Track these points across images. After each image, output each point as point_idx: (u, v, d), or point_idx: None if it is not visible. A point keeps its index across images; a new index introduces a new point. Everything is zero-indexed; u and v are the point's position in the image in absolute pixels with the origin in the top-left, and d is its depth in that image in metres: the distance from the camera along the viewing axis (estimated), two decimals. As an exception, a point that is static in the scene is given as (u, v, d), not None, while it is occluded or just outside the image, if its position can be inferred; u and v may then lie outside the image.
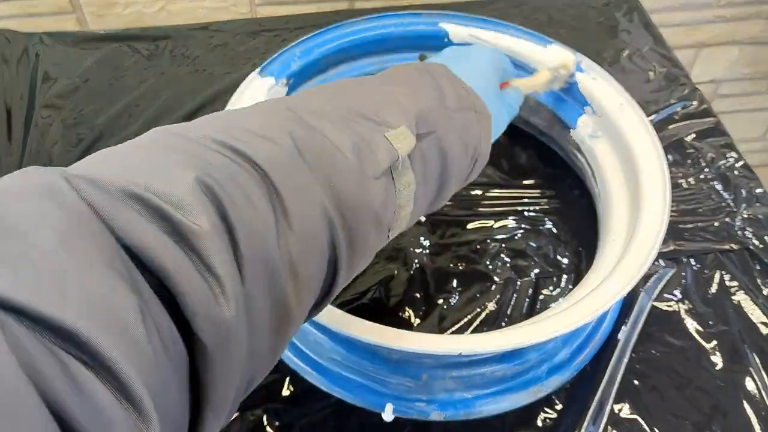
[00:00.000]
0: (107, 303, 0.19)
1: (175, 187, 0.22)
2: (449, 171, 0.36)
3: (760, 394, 0.48)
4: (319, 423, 0.47)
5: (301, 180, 0.27)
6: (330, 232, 0.28)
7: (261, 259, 0.24)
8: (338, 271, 0.29)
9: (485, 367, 0.46)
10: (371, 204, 0.30)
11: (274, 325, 0.25)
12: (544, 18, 0.80)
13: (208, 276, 0.22)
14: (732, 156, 0.64)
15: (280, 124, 0.28)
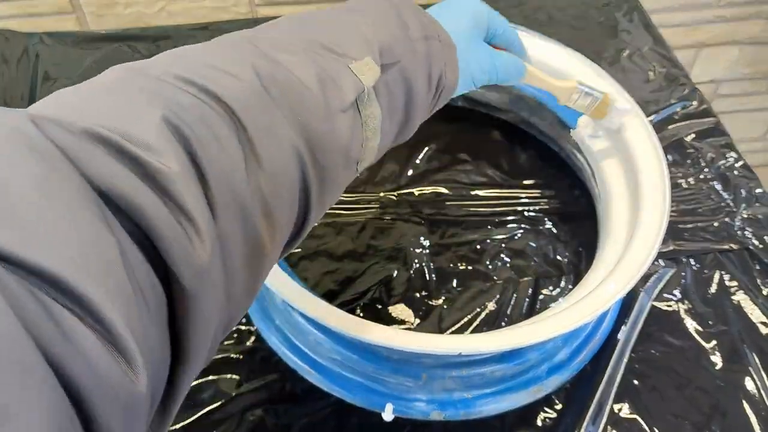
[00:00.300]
0: (89, 248, 0.18)
1: (141, 128, 0.22)
2: (414, 102, 0.35)
3: (759, 394, 0.48)
4: (319, 423, 0.47)
5: (268, 117, 0.26)
6: (300, 169, 0.27)
7: (232, 199, 0.24)
8: (309, 207, 0.29)
9: (485, 367, 0.46)
10: (339, 138, 0.29)
11: (249, 264, 0.25)
12: (544, 17, 0.80)
13: (182, 218, 0.22)
14: (732, 156, 0.64)
15: (242, 59, 0.27)
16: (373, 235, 0.57)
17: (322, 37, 0.31)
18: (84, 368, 0.17)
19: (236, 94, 0.25)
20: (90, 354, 0.17)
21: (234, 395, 0.48)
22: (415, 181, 0.62)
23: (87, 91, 0.24)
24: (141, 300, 0.20)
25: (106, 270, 0.19)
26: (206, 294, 0.22)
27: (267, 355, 0.50)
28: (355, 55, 0.31)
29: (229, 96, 0.25)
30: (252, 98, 0.26)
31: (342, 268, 0.55)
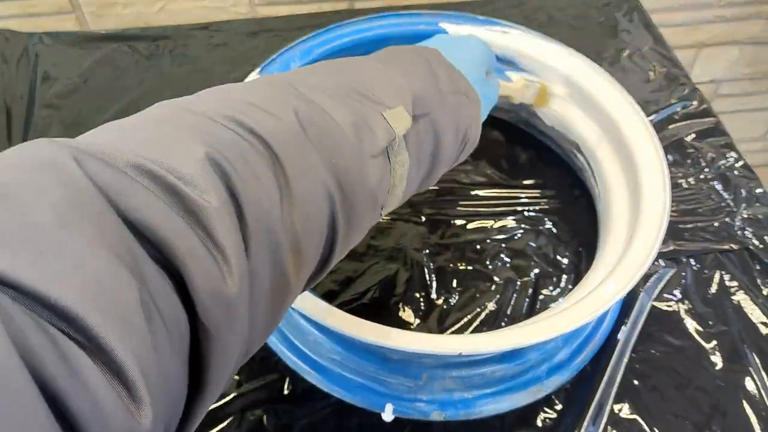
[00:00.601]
0: (104, 284, 0.18)
1: (185, 163, 0.22)
2: (441, 153, 0.36)
3: (759, 394, 0.48)
4: (319, 423, 0.47)
5: (305, 157, 0.27)
6: (330, 209, 0.28)
7: (266, 236, 0.24)
8: (335, 246, 0.29)
9: (485, 367, 0.46)
10: (369, 182, 0.30)
11: (273, 298, 0.25)
12: (544, 18, 0.80)
13: (216, 252, 0.22)
14: (732, 156, 0.64)
15: (283, 99, 0.28)
16: (373, 235, 0.57)
17: (358, 84, 0.32)
18: (85, 402, 0.17)
19: (275, 133, 0.26)
20: (93, 388, 0.17)
21: (234, 395, 0.48)
22: (415, 181, 0.61)
23: (134, 126, 0.24)
24: (162, 332, 0.20)
25: (118, 304, 0.19)
26: (230, 328, 0.23)
27: (267, 355, 0.50)
28: (390, 104, 0.32)
29: (268, 134, 0.26)
30: (290, 137, 0.27)
31: (342, 268, 0.55)
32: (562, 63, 0.59)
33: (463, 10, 0.64)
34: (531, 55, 0.60)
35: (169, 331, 0.20)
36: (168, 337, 0.20)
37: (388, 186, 0.33)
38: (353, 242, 0.32)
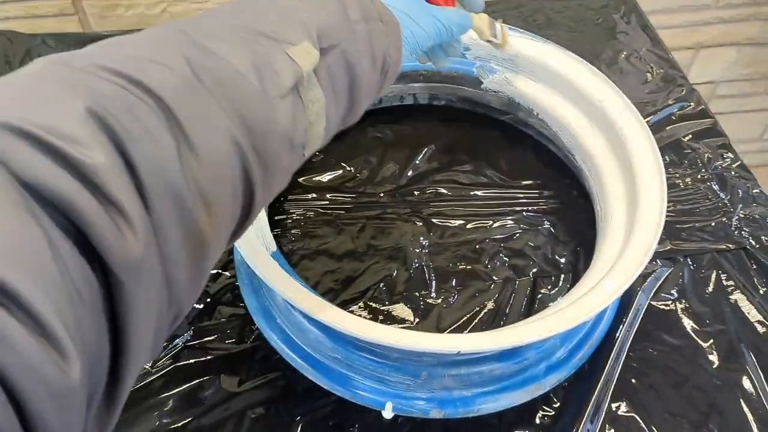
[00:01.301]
0: (14, 239, 0.19)
1: (64, 121, 0.21)
2: (358, 84, 0.35)
3: (756, 393, 0.49)
4: (319, 421, 0.47)
5: (202, 106, 0.26)
6: (240, 157, 0.27)
7: (166, 190, 0.24)
8: (254, 194, 0.29)
9: (484, 366, 0.46)
10: (280, 125, 0.29)
11: (189, 253, 0.25)
12: (543, 20, 0.80)
13: (111, 209, 0.21)
14: (729, 156, 0.65)
15: (173, 48, 0.27)
16: (373, 235, 0.58)
17: (257, 24, 0.31)
18: (12, 357, 0.17)
19: (166, 84, 0.25)
20: (17, 343, 0.18)
21: (235, 393, 0.48)
22: (415, 182, 0.62)
23: (4, 86, 0.23)
24: (73, 291, 0.20)
25: (32, 260, 0.19)
26: (142, 284, 0.22)
27: (268, 354, 0.50)
28: (293, 40, 0.31)
29: (158, 86, 0.25)
30: (183, 87, 0.26)
31: (342, 267, 0.55)
32: (559, 65, 0.59)
33: (462, 12, 0.65)
34: (528, 56, 0.61)
35: (78, 288, 0.20)
36: (79, 294, 0.20)
37: (304, 125, 0.32)
38: (277, 186, 0.32)
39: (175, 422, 0.47)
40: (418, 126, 0.67)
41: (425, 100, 0.68)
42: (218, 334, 0.52)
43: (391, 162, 0.63)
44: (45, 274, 0.19)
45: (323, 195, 0.61)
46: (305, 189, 0.61)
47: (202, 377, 0.49)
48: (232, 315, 0.53)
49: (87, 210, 0.21)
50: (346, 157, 0.64)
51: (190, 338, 0.51)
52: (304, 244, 0.57)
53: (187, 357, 0.50)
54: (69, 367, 0.19)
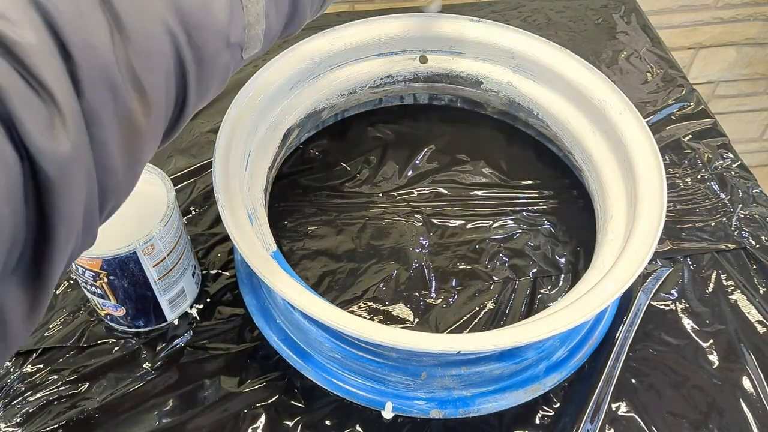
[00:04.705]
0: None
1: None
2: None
3: (756, 393, 0.49)
4: (319, 421, 0.47)
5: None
6: (174, 47, 0.27)
7: (98, 73, 0.23)
8: (188, 87, 0.29)
9: (484, 366, 0.46)
10: (216, 20, 0.29)
11: (123, 141, 0.25)
12: (543, 20, 0.80)
13: (41, 91, 0.21)
14: (729, 156, 0.65)
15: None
16: (373, 235, 0.58)
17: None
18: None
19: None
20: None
21: (235, 393, 0.48)
22: (415, 181, 0.62)
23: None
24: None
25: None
26: (72, 170, 0.22)
27: (268, 354, 0.50)
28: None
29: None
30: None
31: (342, 267, 0.55)
32: (559, 65, 0.59)
33: (462, 12, 0.65)
34: (528, 56, 0.61)
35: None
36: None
37: (243, 24, 0.31)
38: (212, 86, 0.31)
39: (174, 422, 0.47)
40: (418, 126, 0.67)
41: (425, 100, 0.69)
42: (218, 334, 0.52)
43: (391, 161, 0.63)
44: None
45: (323, 195, 0.61)
46: (305, 189, 0.61)
47: (202, 377, 0.49)
48: (232, 315, 0.53)
49: (14, 92, 0.20)
50: (346, 157, 0.64)
51: (190, 338, 0.51)
52: (303, 244, 0.57)
53: (187, 357, 0.50)
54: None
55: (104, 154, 0.24)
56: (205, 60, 0.29)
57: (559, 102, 0.60)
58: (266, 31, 0.33)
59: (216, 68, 0.30)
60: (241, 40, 0.32)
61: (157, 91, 0.27)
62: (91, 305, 0.52)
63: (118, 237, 0.45)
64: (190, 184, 0.62)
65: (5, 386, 0.49)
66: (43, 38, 0.22)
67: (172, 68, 0.27)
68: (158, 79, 0.26)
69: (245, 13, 0.31)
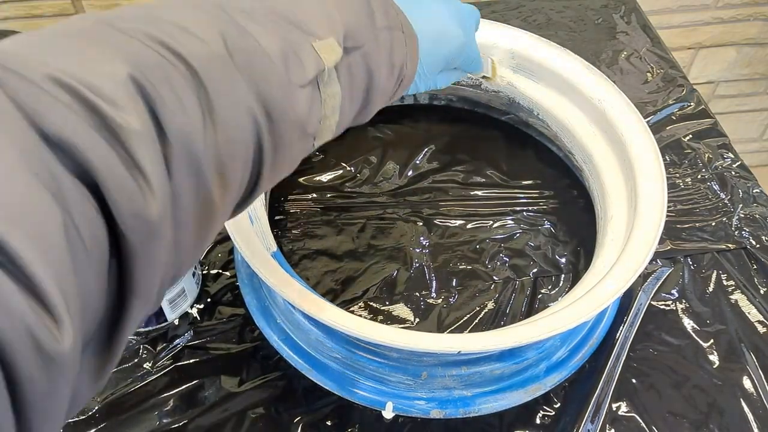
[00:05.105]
0: (26, 207, 0.19)
1: (107, 81, 0.22)
2: (374, 87, 0.37)
3: (756, 393, 0.49)
4: (319, 421, 0.47)
5: (230, 82, 0.27)
6: (256, 135, 0.28)
7: (188, 159, 0.25)
8: (262, 172, 0.30)
9: (484, 366, 0.46)
10: (297, 111, 0.30)
11: (199, 220, 0.26)
12: (543, 19, 0.80)
13: (136, 173, 0.22)
14: (729, 156, 0.65)
15: (210, 22, 0.28)
16: (373, 235, 0.58)
17: (290, 13, 0.32)
18: (6, 323, 0.18)
19: (201, 57, 0.26)
20: (13, 308, 0.18)
21: (235, 393, 0.48)
22: (415, 182, 0.62)
23: (54, 36, 0.24)
24: (82, 252, 0.21)
25: (39, 227, 0.19)
26: (152, 246, 0.23)
27: (268, 354, 0.50)
28: (320, 35, 0.32)
29: (194, 58, 0.26)
30: (216, 62, 0.27)
31: (342, 267, 0.55)
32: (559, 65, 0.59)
33: (462, 11, 0.65)
34: (528, 56, 0.61)
35: (89, 251, 0.21)
36: (88, 258, 0.21)
37: (319, 116, 0.33)
38: (283, 170, 0.33)
39: (175, 422, 0.47)
40: (418, 126, 0.67)
41: (425, 100, 0.68)
42: (218, 334, 0.52)
43: (391, 162, 0.63)
44: (48, 240, 0.19)
45: (323, 195, 0.61)
46: (305, 189, 0.61)
47: (202, 377, 0.49)
48: (232, 315, 0.53)
49: (111, 172, 0.21)
50: (346, 157, 0.64)
51: (191, 338, 0.51)
52: (304, 244, 0.57)
53: (188, 357, 0.50)
54: (62, 334, 0.19)
55: (181, 231, 0.25)
56: (281, 146, 0.30)
57: (559, 102, 0.60)
58: (339, 122, 0.35)
59: (289, 154, 0.32)
60: (316, 130, 0.33)
61: (235, 174, 0.28)
62: (91, 305, 0.52)
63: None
64: (190, 184, 0.62)
65: (5, 386, 0.48)
66: (146, 124, 0.23)
67: (251, 153, 0.28)
68: (238, 162, 0.28)
69: (323, 106, 0.33)
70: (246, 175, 0.29)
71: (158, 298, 0.26)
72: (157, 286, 0.25)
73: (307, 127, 0.32)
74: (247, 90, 0.28)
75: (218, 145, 0.26)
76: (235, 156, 0.27)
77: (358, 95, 0.36)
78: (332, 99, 0.33)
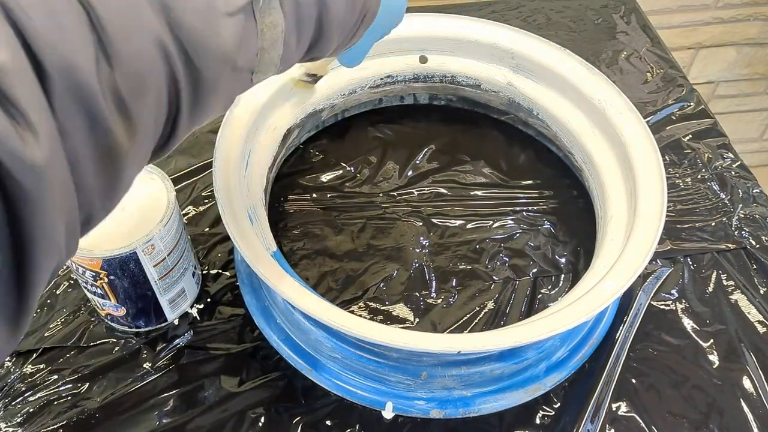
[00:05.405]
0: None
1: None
2: (329, 18, 0.32)
3: (756, 393, 0.49)
4: (319, 421, 0.47)
5: (131, 8, 0.24)
6: (167, 68, 0.25)
7: (74, 93, 0.22)
8: (180, 110, 0.27)
9: (484, 366, 0.46)
10: (221, 43, 0.27)
11: (101, 161, 0.24)
12: (543, 20, 0.80)
13: (12, 108, 0.20)
14: (729, 156, 0.65)
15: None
16: (373, 235, 0.58)
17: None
18: None
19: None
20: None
21: (235, 393, 0.48)
22: (415, 181, 0.62)
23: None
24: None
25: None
26: (43, 190, 0.21)
27: (268, 354, 0.50)
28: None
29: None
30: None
31: (342, 267, 0.55)
32: (559, 65, 0.59)
33: (462, 12, 0.65)
34: (528, 56, 0.61)
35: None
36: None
37: (255, 49, 0.29)
38: (213, 109, 0.30)
39: (175, 422, 0.47)
40: (418, 126, 0.67)
41: (425, 100, 0.69)
42: (218, 334, 0.52)
43: (391, 162, 0.63)
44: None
45: (323, 195, 0.61)
46: (305, 189, 0.61)
47: (202, 377, 0.49)
48: (232, 315, 0.53)
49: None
50: (346, 157, 0.64)
51: (191, 338, 0.51)
52: (304, 244, 0.57)
53: (187, 357, 0.50)
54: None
55: (79, 173, 0.23)
56: (205, 83, 0.27)
57: (559, 102, 0.60)
58: (284, 56, 0.31)
59: (217, 91, 0.29)
60: (252, 64, 0.30)
61: (145, 112, 0.25)
62: (91, 305, 0.52)
63: (119, 237, 0.45)
64: (190, 184, 0.62)
65: (6, 386, 0.49)
66: (17, 55, 0.21)
67: (164, 89, 0.26)
68: (147, 100, 0.25)
69: (260, 38, 0.29)
70: (161, 113, 0.26)
71: (69, 244, 0.24)
72: (62, 233, 0.23)
73: (237, 59, 0.28)
74: (153, 16, 0.24)
75: (117, 80, 0.23)
76: (142, 91, 0.24)
77: (307, 26, 0.32)
78: (272, 29, 0.29)
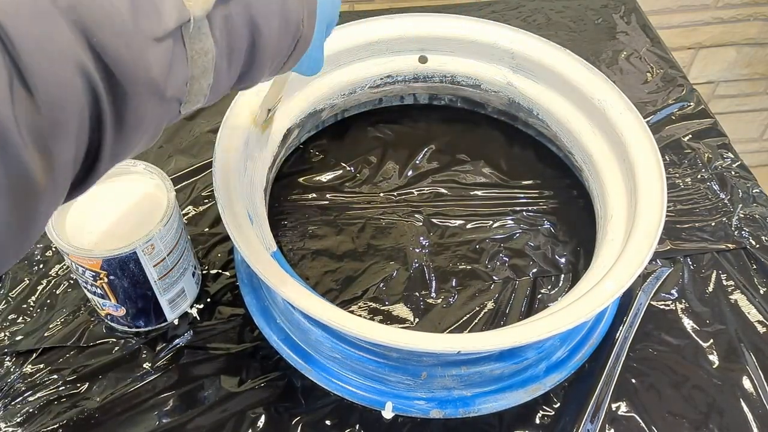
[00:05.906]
0: None
1: None
2: (262, 45, 0.31)
3: (756, 393, 0.49)
4: (319, 421, 0.47)
5: (48, 30, 0.22)
6: (91, 96, 0.24)
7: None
8: (103, 143, 0.25)
9: (484, 366, 0.46)
10: (148, 70, 0.25)
11: (15, 202, 0.23)
12: (543, 19, 0.80)
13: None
14: (729, 156, 0.65)
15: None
16: (373, 235, 0.58)
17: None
18: None
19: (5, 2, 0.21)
20: None
21: (235, 393, 0.48)
22: (415, 181, 0.62)
23: None
24: None
25: None
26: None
27: (268, 354, 0.50)
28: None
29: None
30: (26, 7, 0.22)
31: (342, 267, 0.55)
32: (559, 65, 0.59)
33: (462, 12, 0.65)
34: (528, 56, 0.61)
35: None
36: None
37: (184, 77, 0.28)
38: (137, 142, 0.28)
39: (174, 422, 0.47)
40: (418, 126, 0.67)
41: (425, 100, 0.69)
42: (218, 334, 0.52)
43: (391, 161, 0.63)
44: None
45: (323, 195, 0.61)
46: (305, 189, 0.61)
47: (202, 377, 0.49)
48: (232, 315, 0.53)
49: None
50: (346, 157, 0.64)
51: (190, 338, 0.51)
52: (304, 244, 0.57)
53: (187, 357, 0.50)
54: None
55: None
56: (130, 114, 0.26)
57: (559, 102, 0.60)
58: (214, 86, 0.30)
59: (142, 121, 0.27)
60: (181, 93, 0.28)
61: (64, 146, 0.23)
62: (91, 305, 0.52)
63: (118, 237, 0.45)
64: (190, 184, 0.62)
65: (5, 386, 0.49)
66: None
67: (87, 120, 0.24)
68: (67, 131, 0.23)
69: (190, 65, 0.28)
70: (81, 145, 0.24)
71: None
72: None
73: (165, 89, 0.27)
74: (74, 41, 0.23)
75: (34, 108, 0.22)
76: (62, 121, 0.23)
77: (238, 54, 0.30)
78: (202, 57, 0.28)
